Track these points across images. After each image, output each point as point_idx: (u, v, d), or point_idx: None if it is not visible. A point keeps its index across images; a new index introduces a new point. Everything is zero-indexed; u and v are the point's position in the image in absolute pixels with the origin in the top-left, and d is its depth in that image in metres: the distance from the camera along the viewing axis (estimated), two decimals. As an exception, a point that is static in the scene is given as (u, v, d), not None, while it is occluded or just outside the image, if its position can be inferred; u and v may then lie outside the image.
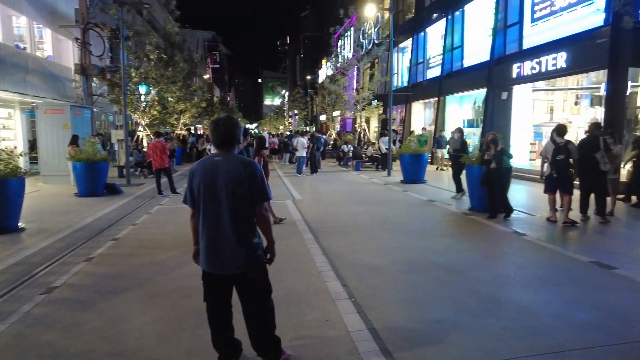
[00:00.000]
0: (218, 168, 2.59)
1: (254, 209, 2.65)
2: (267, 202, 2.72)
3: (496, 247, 6.07)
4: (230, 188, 2.56)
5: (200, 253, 2.70)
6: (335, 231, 6.84)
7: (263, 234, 2.76)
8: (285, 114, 68.72)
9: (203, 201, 2.61)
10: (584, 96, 14.57)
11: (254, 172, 2.60)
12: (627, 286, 4.32)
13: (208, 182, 2.59)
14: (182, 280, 4.56)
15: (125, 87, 13.63)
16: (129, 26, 15.55)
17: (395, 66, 26.58)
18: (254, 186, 2.61)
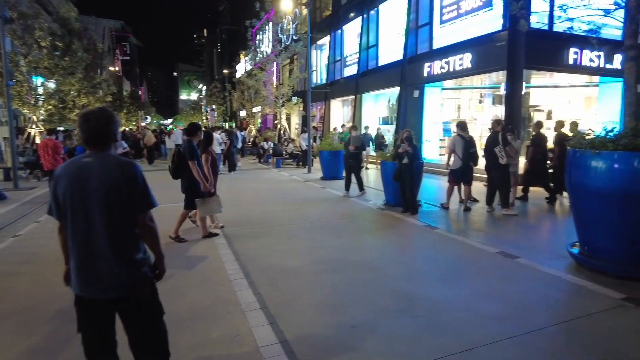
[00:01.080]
0: (88, 171, 2.12)
1: (136, 219, 2.22)
2: (151, 210, 2.30)
3: (410, 241, 6.15)
4: (104, 194, 2.10)
5: (72, 274, 2.21)
6: (251, 233, 6.48)
7: (149, 247, 2.34)
8: (203, 109, 66.04)
9: (71, 211, 2.13)
10: (487, 95, 15.72)
11: (135, 174, 2.17)
12: (529, 275, 4.53)
13: (76, 188, 2.11)
14: (67, 302, 3.91)
15: (8, 76, 11.88)
16: (12, 6, 13.61)
17: (314, 63, 26.65)
18: (135, 191, 2.17)
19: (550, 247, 5.56)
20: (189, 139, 6.02)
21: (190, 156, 5.80)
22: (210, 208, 6.12)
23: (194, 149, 5.88)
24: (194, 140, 6.02)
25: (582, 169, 4.58)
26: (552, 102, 14.69)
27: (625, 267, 4.35)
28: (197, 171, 5.80)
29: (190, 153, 5.81)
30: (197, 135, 6.09)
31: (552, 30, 11.47)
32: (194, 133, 6.07)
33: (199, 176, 5.83)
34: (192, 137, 6.02)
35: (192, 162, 5.78)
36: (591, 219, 4.63)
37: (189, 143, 5.94)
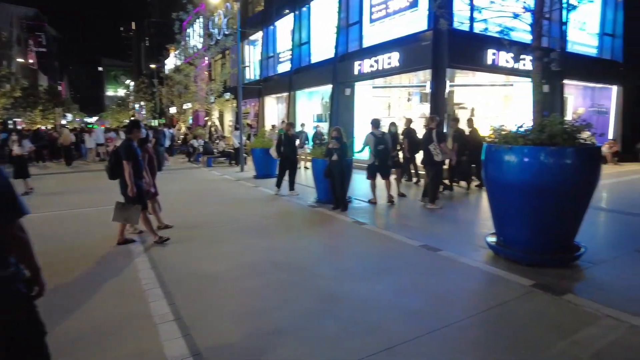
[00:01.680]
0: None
1: (2, 229, 1.89)
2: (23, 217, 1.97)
3: (339, 239, 6.12)
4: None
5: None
6: (173, 238, 6.09)
7: (21, 261, 2.01)
8: (131, 105, 62.46)
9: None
10: (415, 93, 16.28)
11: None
12: (449, 267, 4.66)
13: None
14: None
15: None
16: None
17: (247, 59, 26.10)
18: (0, 197, 1.86)
19: (471, 238, 5.78)
20: (127, 138, 5.61)
21: (125, 156, 5.38)
22: (125, 216, 5.62)
23: (131, 149, 5.47)
24: (134, 139, 5.61)
25: (496, 163, 4.78)
26: (475, 100, 15.55)
27: (535, 255, 4.61)
28: (129, 173, 5.39)
29: (126, 153, 5.39)
30: (136, 133, 5.66)
31: (473, 31, 12.10)
32: (132, 131, 5.65)
33: (129, 178, 5.41)
34: (131, 135, 5.62)
35: (126, 162, 5.38)
36: (505, 210, 4.86)
37: (127, 142, 5.53)
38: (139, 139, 6.14)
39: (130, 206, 5.56)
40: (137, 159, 5.55)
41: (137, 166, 5.55)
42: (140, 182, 5.66)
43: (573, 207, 4.50)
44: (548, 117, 4.83)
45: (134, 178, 5.46)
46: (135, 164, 5.51)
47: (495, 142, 4.85)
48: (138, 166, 5.59)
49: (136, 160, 5.53)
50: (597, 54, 16.96)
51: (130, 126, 5.79)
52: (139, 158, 5.62)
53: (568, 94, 16.08)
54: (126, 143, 5.52)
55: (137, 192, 5.51)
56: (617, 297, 3.81)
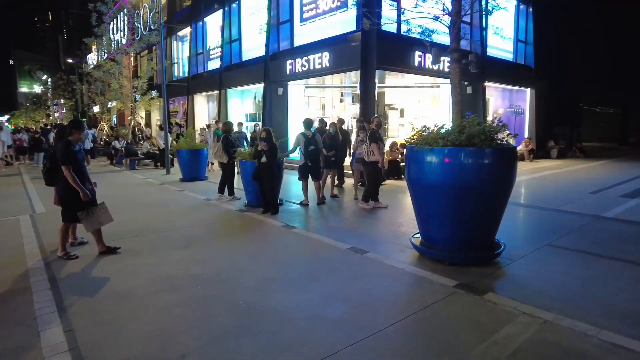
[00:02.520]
0: None
1: None
2: None
3: (266, 245, 5.85)
4: None
5: None
6: (81, 252, 5.47)
7: None
8: (49, 103, 57.38)
9: None
10: (347, 94, 16.41)
11: None
12: (375, 270, 4.58)
13: None
14: None
15: None
16: None
17: (175, 55, 24.91)
18: None
19: (398, 239, 5.79)
20: (65, 140, 4.99)
21: (62, 160, 4.84)
22: (98, 219, 5.14)
23: (69, 152, 4.90)
24: (74, 142, 5.02)
25: (418, 164, 4.79)
26: (405, 101, 15.99)
27: (457, 254, 4.68)
28: (72, 178, 4.85)
29: (64, 156, 4.84)
30: (77, 134, 5.04)
31: (400, 33, 12.38)
32: (72, 132, 5.03)
33: (75, 183, 4.88)
34: (71, 137, 5.02)
35: (65, 168, 4.84)
36: (427, 210, 4.89)
37: (64, 144, 4.93)
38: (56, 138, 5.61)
39: (94, 208, 5.10)
40: (78, 163, 5.02)
41: (80, 170, 5.04)
42: (88, 185, 5.18)
43: (492, 205, 4.62)
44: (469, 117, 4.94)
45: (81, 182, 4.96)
46: (77, 169, 4.98)
47: (417, 143, 4.86)
48: (81, 170, 5.08)
49: (78, 164, 5.01)
50: (513, 59, 18.20)
51: (70, 126, 5.15)
52: (81, 162, 5.11)
53: (489, 95, 17.10)
54: (63, 145, 4.91)
55: (73, 198, 4.95)
56: (532, 293, 3.93)
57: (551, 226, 6.53)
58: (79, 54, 30.89)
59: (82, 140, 5.19)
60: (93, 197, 5.19)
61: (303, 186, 8.19)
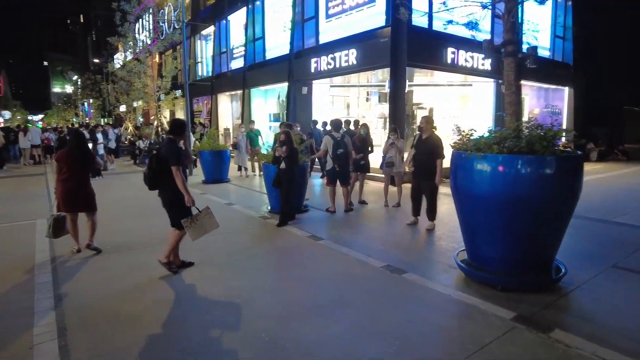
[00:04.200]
0: None
1: None
2: None
3: (289, 259, 5.31)
4: None
5: None
6: (93, 263, 5.09)
7: None
8: (78, 103, 58.74)
9: None
10: (373, 93, 15.78)
11: None
12: (416, 296, 3.99)
13: None
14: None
15: None
16: None
17: (199, 54, 24.77)
18: None
19: (440, 256, 5.17)
20: (171, 139, 4.66)
21: (176, 159, 4.46)
22: (203, 227, 4.74)
23: (179, 152, 4.55)
24: (179, 141, 4.70)
25: (467, 172, 4.17)
26: (434, 100, 15.24)
27: (511, 278, 4.04)
28: (181, 180, 4.50)
29: (176, 156, 4.47)
30: (181, 135, 4.78)
31: (432, 29, 11.68)
32: (177, 131, 4.75)
33: (183, 186, 4.51)
34: (176, 136, 4.70)
35: (176, 168, 4.45)
36: (476, 225, 4.27)
37: (172, 143, 4.58)
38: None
39: (198, 216, 4.69)
40: (184, 166, 4.76)
41: (184, 172, 4.75)
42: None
43: (554, 221, 3.96)
44: (504, 118, 4.31)
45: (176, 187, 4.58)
46: (184, 170, 4.70)
47: (464, 148, 4.25)
48: (185, 172, 4.78)
49: (183, 164, 4.69)
50: (550, 56, 17.16)
51: (176, 126, 4.85)
52: (185, 164, 4.81)
53: (524, 94, 16.12)
54: (172, 145, 4.56)
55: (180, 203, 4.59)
56: (606, 331, 3.28)
57: (611, 242, 5.78)
58: (105, 53, 31.24)
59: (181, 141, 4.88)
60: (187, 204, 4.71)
61: (330, 192, 7.65)
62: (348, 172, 7.66)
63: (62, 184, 5.27)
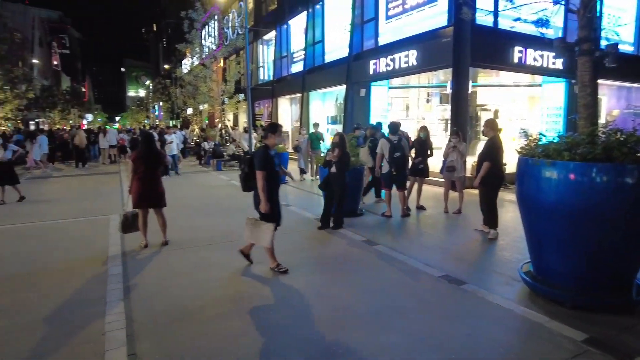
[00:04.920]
0: None
1: None
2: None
3: (344, 264, 5.26)
4: None
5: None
6: (158, 258, 5.41)
7: None
8: (150, 106, 62.86)
9: None
10: (434, 94, 15.33)
11: None
12: (475, 308, 3.80)
13: None
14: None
15: None
16: None
17: (261, 59, 25.51)
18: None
19: (501, 267, 4.90)
20: (264, 145, 4.74)
21: (259, 164, 4.53)
22: (257, 236, 4.82)
23: (267, 157, 4.61)
24: (271, 145, 4.73)
25: (534, 179, 3.91)
26: (499, 101, 14.51)
27: (582, 295, 3.73)
28: (263, 185, 4.56)
29: (260, 161, 4.54)
30: (272, 138, 4.72)
31: (498, 27, 11.14)
32: (268, 136, 4.75)
33: (263, 191, 4.57)
34: (267, 140, 4.75)
35: (259, 173, 4.54)
36: (544, 236, 3.98)
37: (262, 149, 4.68)
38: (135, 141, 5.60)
39: (262, 224, 4.73)
40: (273, 169, 4.71)
41: (273, 178, 4.74)
42: (276, 196, 4.82)
43: (634, 237, 3.60)
44: (577, 121, 3.97)
45: (269, 191, 4.66)
46: (272, 175, 4.68)
47: (531, 154, 3.99)
48: (275, 178, 4.76)
49: (273, 170, 4.69)
50: (634, 51, 15.68)
51: (267, 129, 4.84)
52: (275, 168, 4.77)
53: (601, 94, 14.87)
54: (262, 150, 4.66)
55: (271, 208, 4.67)
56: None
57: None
58: (174, 59, 33.17)
59: (277, 145, 4.84)
60: (275, 211, 4.77)
61: (386, 196, 7.54)
62: (405, 176, 7.50)
63: (136, 183, 5.67)
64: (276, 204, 4.80)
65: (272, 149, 4.74)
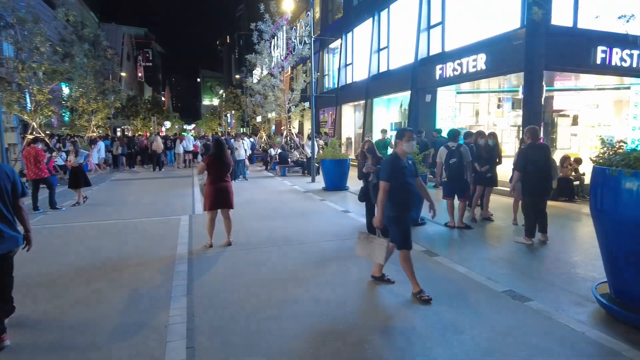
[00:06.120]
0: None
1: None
2: None
3: (401, 273, 5.15)
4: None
5: None
6: (221, 257, 5.67)
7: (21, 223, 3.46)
8: (222, 114, 66.22)
9: None
10: (505, 99, 14.57)
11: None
12: (541, 328, 3.52)
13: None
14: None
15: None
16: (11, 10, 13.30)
17: (326, 67, 25.89)
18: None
19: (572, 285, 4.51)
20: (394, 152, 4.32)
21: (382, 174, 4.14)
22: (371, 250, 4.44)
23: (393, 167, 4.12)
24: (400, 154, 4.17)
25: (612, 192, 3.58)
26: (578, 106, 13.44)
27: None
28: (382, 198, 4.09)
29: (384, 171, 4.15)
30: (399, 145, 4.18)
31: (577, 27, 10.37)
32: (397, 143, 4.23)
33: (380, 204, 4.12)
34: (397, 146, 4.25)
35: (382, 183, 4.10)
36: (624, 255, 3.61)
37: (390, 157, 4.26)
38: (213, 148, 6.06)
39: (374, 238, 4.36)
40: (404, 182, 4.15)
41: (403, 191, 4.16)
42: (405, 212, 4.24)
43: None
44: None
45: (390, 204, 4.14)
46: (401, 188, 4.13)
47: (609, 163, 3.65)
48: (405, 192, 4.17)
49: (404, 183, 4.15)
50: None
51: (398, 135, 4.25)
52: (406, 180, 4.18)
53: None
54: (390, 158, 4.19)
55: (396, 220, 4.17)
56: None
57: None
58: (244, 70, 34.69)
59: (408, 153, 4.22)
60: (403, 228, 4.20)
61: (448, 205, 7.28)
62: (463, 185, 7.15)
63: (210, 186, 6.01)
64: (402, 222, 4.18)
65: (402, 158, 4.16)
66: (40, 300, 4.25)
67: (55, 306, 4.10)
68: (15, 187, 3.33)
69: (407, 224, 4.25)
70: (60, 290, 4.51)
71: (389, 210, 4.14)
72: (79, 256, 5.80)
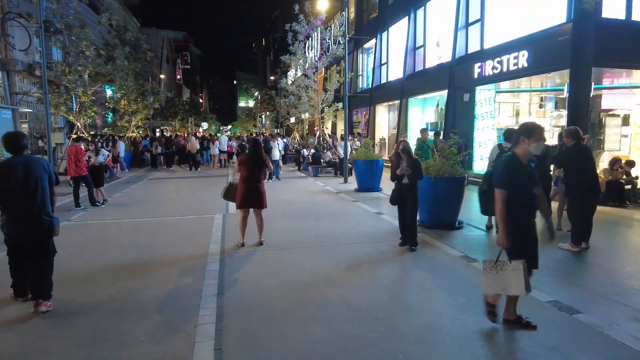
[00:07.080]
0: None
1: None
2: None
3: (437, 279, 4.85)
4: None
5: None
6: (252, 257, 5.64)
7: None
8: (257, 115, 67.18)
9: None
10: (548, 98, 13.88)
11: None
12: (592, 345, 3.24)
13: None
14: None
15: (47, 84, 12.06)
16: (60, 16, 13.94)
17: (361, 67, 25.67)
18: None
19: (625, 297, 4.16)
20: (512, 152, 3.42)
21: (497, 180, 3.37)
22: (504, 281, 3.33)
23: (508, 170, 3.32)
24: (519, 152, 3.35)
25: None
26: (630, 106, 12.60)
27: None
28: (501, 209, 3.30)
29: (499, 175, 3.36)
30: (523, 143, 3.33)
31: (631, 19, 9.71)
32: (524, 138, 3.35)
33: (501, 219, 3.31)
34: (519, 144, 3.37)
35: (498, 192, 3.32)
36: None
37: (508, 156, 3.39)
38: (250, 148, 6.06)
39: (504, 264, 3.32)
40: (525, 189, 3.35)
41: (525, 200, 3.36)
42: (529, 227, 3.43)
43: None
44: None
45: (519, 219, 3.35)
46: (522, 197, 3.33)
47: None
48: (528, 201, 3.37)
49: (525, 190, 3.35)
50: None
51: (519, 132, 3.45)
52: (528, 186, 3.38)
53: None
54: (507, 160, 3.35)
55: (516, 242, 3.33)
56: None
57: None
58: (279, 71, 35.03)
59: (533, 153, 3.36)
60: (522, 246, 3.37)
61: None
62: None
63: (242, 185, 6.00)
64: (526, 239, 3.41)
65: (522, 160, 3.35)
66: (76, 295, 4.34)
67: (90, 301, 4.17)
68: (50, 177, 4.12)
69: (531, 239, 3.45)
70: (96, 286, 4.60)
71: (510, 222, 3.31)
72: (115, 252, 5.93)
